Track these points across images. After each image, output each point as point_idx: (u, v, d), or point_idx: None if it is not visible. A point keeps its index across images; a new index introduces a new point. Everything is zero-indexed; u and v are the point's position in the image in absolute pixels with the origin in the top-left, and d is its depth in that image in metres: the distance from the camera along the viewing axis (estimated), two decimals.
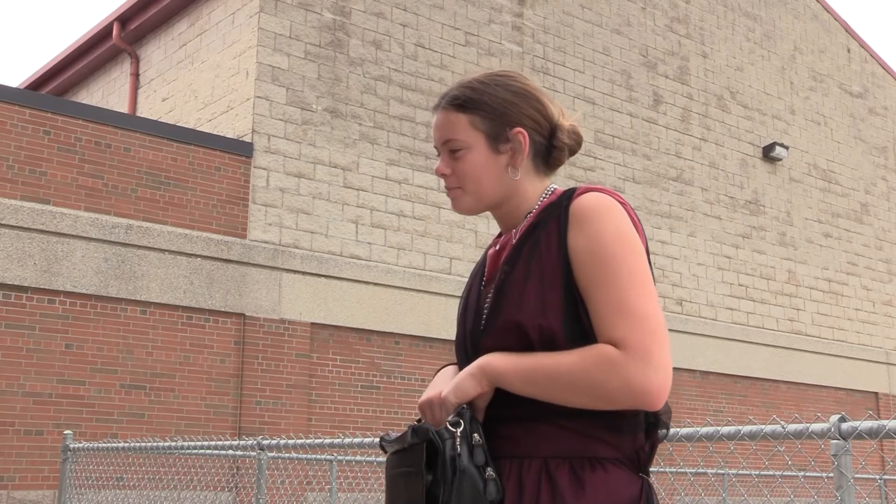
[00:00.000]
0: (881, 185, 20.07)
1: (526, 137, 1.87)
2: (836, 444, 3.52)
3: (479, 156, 1.87)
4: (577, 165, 14.83)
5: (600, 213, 1.75)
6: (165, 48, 13.90)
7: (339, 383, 11.86)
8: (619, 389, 1.64)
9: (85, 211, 10.42)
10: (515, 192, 1.89)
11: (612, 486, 1.70)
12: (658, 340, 1.66)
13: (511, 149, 1.87)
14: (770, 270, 17.43)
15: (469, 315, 1.88)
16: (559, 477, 1.70)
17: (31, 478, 9.74)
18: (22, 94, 10.48)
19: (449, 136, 1.89)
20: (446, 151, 1.90)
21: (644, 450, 1.76)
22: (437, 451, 1.67)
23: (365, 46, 12.88)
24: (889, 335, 19.33)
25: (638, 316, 1.67)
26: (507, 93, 1.89)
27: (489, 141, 1.87)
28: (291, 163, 11.94)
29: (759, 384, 16.65)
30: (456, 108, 1.89)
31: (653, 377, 1.64)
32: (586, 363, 1.66)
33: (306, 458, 7.69)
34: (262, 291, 11.36)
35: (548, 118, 1.91)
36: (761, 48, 18.50)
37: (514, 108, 1.88)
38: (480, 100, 1.88)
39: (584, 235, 1.74)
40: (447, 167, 1.90)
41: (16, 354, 9.79)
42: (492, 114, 1.87)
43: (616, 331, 1.67)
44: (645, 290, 1.70)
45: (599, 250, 1.72)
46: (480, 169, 1.87)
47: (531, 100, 1.90)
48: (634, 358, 1.64)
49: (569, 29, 15.32)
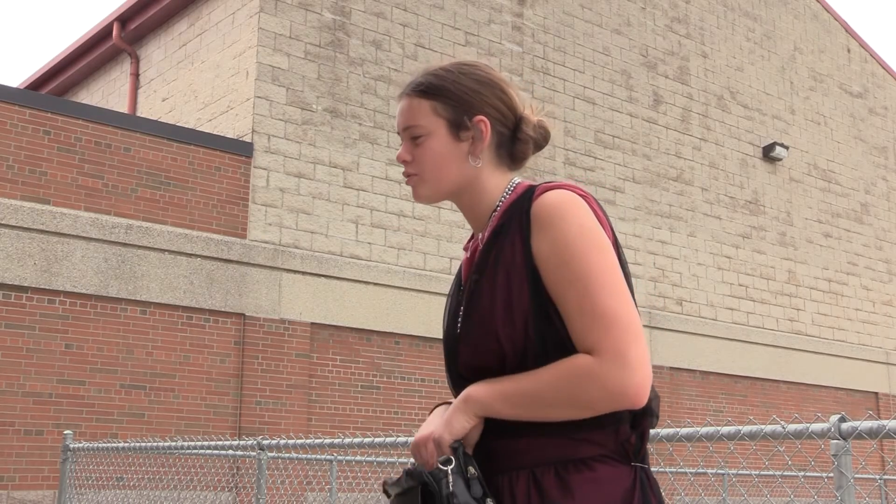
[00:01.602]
0: (881, 185, 20.07)
1: (488, 126, 1.86)
2: (836, 444, 3.52)
3: (439, 142, 1.86)
4: (578, 165, 14.83)
5: (562, 214, 1.72)
6: (165, 48, 13.90)
7: (339, 383, 11.86)
8: (599, 398, 1.65)
9: (85, 211, 10.42)
10: (476, 181, 1.87)
11: (599, 484, 1.69)
12: (631, 338, 1.65)
13: (472, 136, 1.87)
14: (770, 270, 17.43)
15: (449, 323, 1.89)
16: (546, 483, 1.70)
17: (31, 478, 9.74)
18: (22, 94, 10.48)
19: (410, 122, 1.89)
20: (408, 138, 1.90)
21: (630, 441, 1.74)
22: (433, 492, 1.67)
23: (365, 46, 12.88)
24: (889, 335, 19.33)
25: (608, 318, 1.66)
26: (471, 81, 1.88)
27: (450, 128, 1.86)
28: (291, 163, 11.94)
29: (759, 384, 16.64)
30: (419, 95, 1.89)
31: (629, 379, 1.63)
32: (563, 378, 1.66)
33: (306, 458, 7.70)
34: (262, 291, 11.36)
35: (512, 109, 1.90)
36: (761, 48, 18.50)
37: (478, 97, 1.87)
38: (443, 86, 1.87)
39: (548, 240, 1.72)
40: (408, 153, 1.90)
41: (16, 354, 9.79)
42: (454, 101, 1.86)
43: (589, 336, 1.67)
44: (613, 288, 1.68)
45: (563, 253, 1.70)
46: (440, 156, 1.86)
47: (496, 89, 1.89)
48: (609, 362, 1.64)
49: (569, 29, 15.32)
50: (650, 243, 15.65)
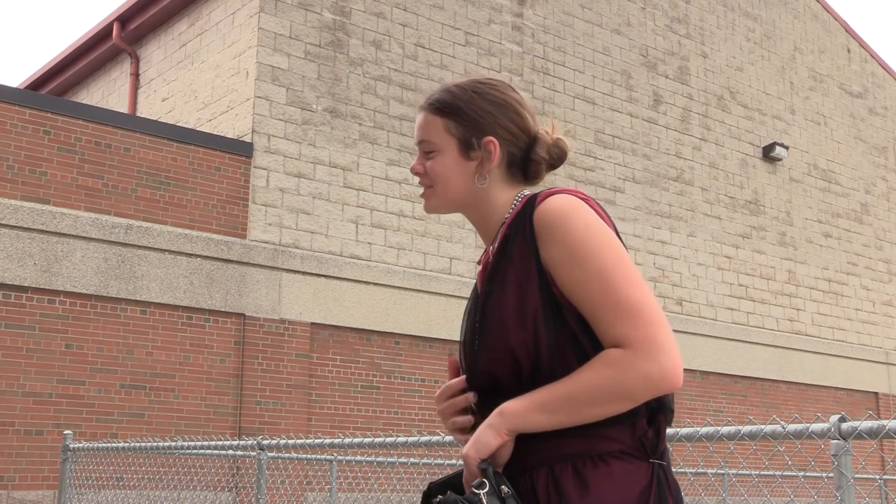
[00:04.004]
0: (881, 185, 20.07)
1: (496, 147, 1.91)
2: (836, 444, 3.52)
3: (449, 159, 1.93)
4: (578, 165, 14.83)
5: (565, 217, 1.76)
6: (165, 48, 13.90)
7: (339, 383, 11.86)
8: (640, 386, 1.67)
9: (85, 211, 10.42)
10: (483, 198, 1.93)
11: (616, 480, 1.70)
12: (658, 326, 1.69)
13: (480, 157, 1.92)
14: (770, 270, 17.43)
15: (466, 337, 1.91)
16: (563, 480, 1.71)
17: (31, 478, 9.74)
18: (22, 94, 10.48)
19: (424, 137, 1.96)
20: (422, 151, 1.97)
21: (648, 436, 1.76)
22: None
23: (365, 46, 12.88)
24: (889, 335, 19.33)
25: (632, 308, 1.69)
26: (484, 102, 1.93)
27: (461, 147, 1.92)
28: (291, 163, 11.94)
29: (759, 384, 16.64)
30: (434, 112, 1.96)
31: (665, 362, 1.67)
32: (600, 373, 1.69)
33: (306, 458, 7.69)
34: (262, 291, 11.36)
35: (525, 130, 1.94)
36: (761, 48, 18.50)
37: (489, 118, 1.92)
38: (457, 105, 1.93)
39: (557, 243, 1.76)
40: (421, 166, 1.97)
41: (16, 354, 9.79)
42: (466, 121, 1.92)
43: (617, 330, 1.69)
44: (631, 279, 1.72)
45: (576, 254, 1.74)
46: (449, 171, 1.93)
47: (509, 111, 1.93)
48: (643, 350, 1.67)
49: (569, 29, 15.32)
50: (650, 243, 15.65)
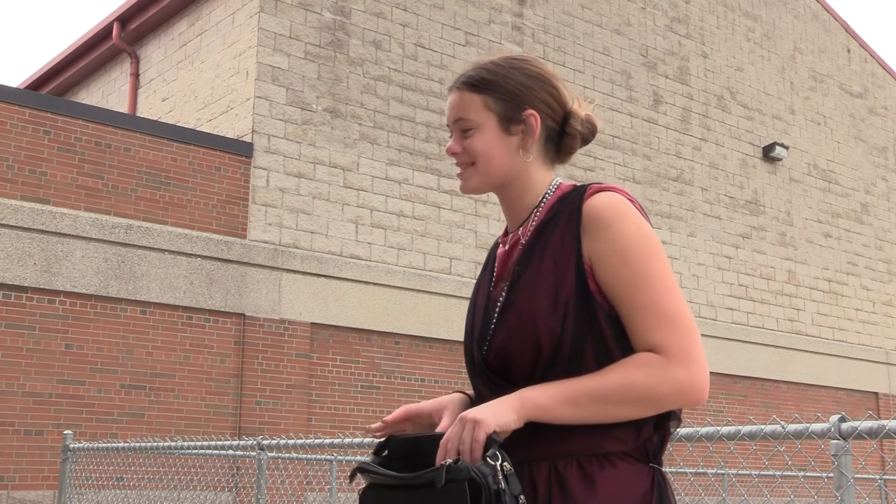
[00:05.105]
0: (881, 185, 20.07)
1: (538, 120, 1.88)
2: (836, 444, 3.52)
3: (490, 135, 1.88)
4: (578, 165, 14.83)
5: (619, 215, 1.75)
6: (165, 48, 13.90)
7: (339, 383, 11.86)
8: (668, 394, 1.67)
9: (85, 211, 10.42)
10: (524, 174, 1.89)
11: (622, 481, 1.69)
12: (694, 338, 1.70)
13: (522, 131, 1.88)
14: (770, 270, 17.43)
15: (478, 314, 1.88)
16: (568, 476, 1.69)
17: (31, 478, 9.74)
18: (22, 94, 10.48)
19: (461, 115, 1.90)
20: (458, 130, 1.91)
21: (652, 441, 1.75)
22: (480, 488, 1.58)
23: (365, 46, 12.88)
24: (889, 335, 19.33)
25: (672, 317, 1.70)
26: (521, 76, 1.90)
27: (501, 122, 1.88)
28: (291, 163, 11.94)
29: (759, 384, 16.64)
30: (470, 89, 1.91)
31: (697, 374, 1.68)
32: (632, 374, 1.68)
33: (306, 458, 7.70)
34: (262, 291, 11.36)
35: (562, 104, 1.91)
36: (761, 48, 18.50)
37: (528, 91, 1.89)
38: (495, 81, 1.89)
39: (607, 239, 1.74)
40: (458, 145, 1.91)
41: (16, 354, 9.79)
42: (505, 95, 1.88)
43: (654, 335, 1.70)
44: (674, 290, 1.73)
45: (626, 255, 1.73)
46: (490, 148, 1.88)
47: (546, 84, 1.91)
48: (677, 360, 1.68)
49: (569, 29, 15.32)
50: None
